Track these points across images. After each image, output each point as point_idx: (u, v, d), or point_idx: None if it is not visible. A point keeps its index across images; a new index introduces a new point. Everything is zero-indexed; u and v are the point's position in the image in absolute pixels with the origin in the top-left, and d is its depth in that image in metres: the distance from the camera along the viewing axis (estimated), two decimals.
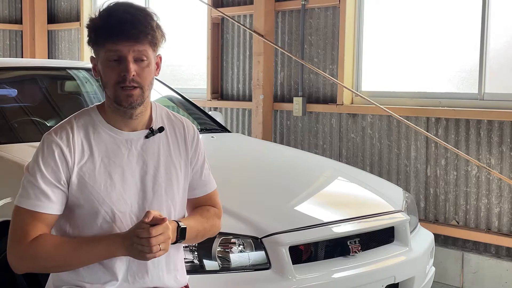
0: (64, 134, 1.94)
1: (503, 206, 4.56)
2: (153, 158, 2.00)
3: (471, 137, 4.69)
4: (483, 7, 4.68)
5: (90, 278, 1.95)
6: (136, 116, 1.97)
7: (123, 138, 1.98)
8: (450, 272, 4.79)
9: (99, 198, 1.91)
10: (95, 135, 1.96)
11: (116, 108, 1.95)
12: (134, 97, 1.90)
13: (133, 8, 1.92)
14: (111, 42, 1.87)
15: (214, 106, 6.54)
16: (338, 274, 2.90)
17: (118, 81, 1.89)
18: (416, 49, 5.20)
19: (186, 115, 4.54)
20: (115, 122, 1.98)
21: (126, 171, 1.96)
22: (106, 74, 1.92)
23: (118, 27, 1.87)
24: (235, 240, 2.73)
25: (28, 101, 4.08)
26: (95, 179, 1.92)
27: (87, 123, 1.97)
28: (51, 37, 8.97)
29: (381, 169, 5.24)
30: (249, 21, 6.28)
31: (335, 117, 5.56)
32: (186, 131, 2.10)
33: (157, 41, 1.94)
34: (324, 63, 5.67)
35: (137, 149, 1.99)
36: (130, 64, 1.88)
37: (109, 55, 1.89)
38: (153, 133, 2.01)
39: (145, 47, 1.90)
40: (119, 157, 1.96)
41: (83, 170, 1.92)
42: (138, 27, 1.88)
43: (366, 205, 3.41)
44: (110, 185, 1.93)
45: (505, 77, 4.71)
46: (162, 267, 2.02)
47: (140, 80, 1.90)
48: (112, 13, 1.90)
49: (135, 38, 1.87)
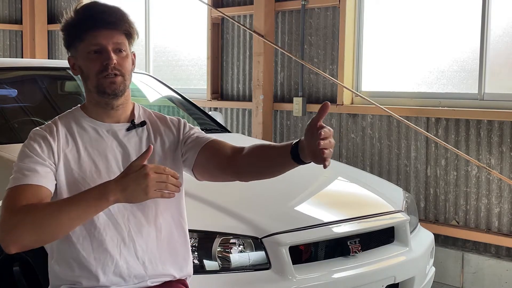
0: (47, 127, 2.01)
1: (503, 206, 4.56)
2: (135, 148, 2.05)
3: (471, 137, 4.69)
4: (483, 7, 4.68)
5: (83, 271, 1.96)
6: (118, 107, 2.04)
7: (104, 128, 2.04)
8: (450, 272, 4.79)
9: (85, 184, 1.94)
10: (78, 128, 2.03)
11: (99, 99, 2.01)
12: (117, 84, 1.97)
13: (107, 4, 2.02)
14: (91, 33, 1.95)
15: (214, 106, 6.54)
16: (338, 274, 2.90)
17: (101, 70, 1.96)
18: (416, 49, 5.20)
19: (186, 115, 4.54)
20: (97, 116, 2.05)
21: (110, 159, 2.01)
22: (87, 66, 1.98)
23: (96, 16, 1.95)
24: (235, 240, 2.73)
25: (28, 101, 4.08)
26: (80, 165, 1.97)
27: (70, 120, 2.05)
28: (51, 37, 8.97)
29: (381, 169, 5.24)
30: (249, 21, 6.28)
31: (335, 117, 5.56)
32: (169, 121, 2.16)
33: (132, 34, 2.02)
34: (324, 63, 5.67)
35: (118, 138, 2.04)
36: (111, 53, 1.95)
37: (89, 47, 1.96)
38: (135, 126, 2.07)
39: (122, 38, 1.98)
40: (102, 145, 2.02)
41: (68, 157, 1.96)
42: (115, 15, 1.97)
43: (366, 205, 3.41)
44: (95, 172, 1.98)
45: (505, 77, 4.71)
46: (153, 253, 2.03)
47: (121, 68, 1.98)
48: (88, 8, 1.99)
49: (113, 26, 1.95)
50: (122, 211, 1.99)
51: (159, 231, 2.04)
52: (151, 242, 2.03)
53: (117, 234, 1.98)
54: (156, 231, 2.04)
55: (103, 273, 1.96)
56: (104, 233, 1.96)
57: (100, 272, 1.96)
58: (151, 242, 2.03)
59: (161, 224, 2.05)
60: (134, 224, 2.00)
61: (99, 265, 1.96)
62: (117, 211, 1.97)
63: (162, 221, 2.06)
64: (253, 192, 3.24)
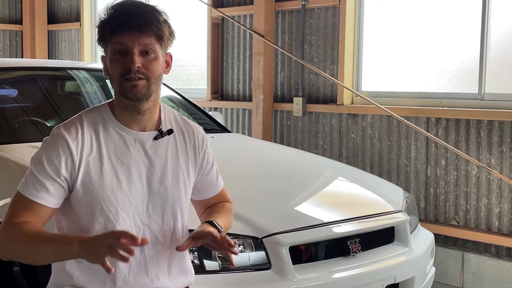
0: (73, 128, 1.93)
1: (503, 206, 4.56)
2: (161, 160, 1.99)
3: (471, 137, 4.69)
4: (483, 7, 4.68)
5: (90, 279, 1.94)
6: (144, 112, 1.95)
7: (132, 137, 1.97)
8: (450, 272, 4.79)
9: (104, 195, 1.90)
10: (105, 132, 1.95)
11: (123, 103, 1.94)
12: (139, 88, 1.88)
13: (141, 3, 1.94)
14: (116, 34, 1.88)
15: (214, 106, 6.54)
16: (338, 274, 2.90)
17: (123, 73, 1.88)
18: (416, 49, 5.20)
19: (186, 115, 4.53)
20: (124, 120, 1.97)
21: (132, 171, 1.95)
22: (112, 68, 1.92)
23: (121, 17, 1.88)
24: (235, 240, 2.73)
25: (28, 101, 4.08)
26: (101, 176, 1.91)
27: (97, 119, 1.96)
28: (51, 37, 8.96)
29: (381, 169, 5.24)
30: (249, 21, 6.28)
31: (335, 117, 5.56)
32: (196, 136, 2.10)
33: (164, 35, 1.93)
34: (324, 63, 5.67)
35: (145, 149, 1.98)
36: (135, 56, 1.87)
37: (114, 48, 1.89)
38: (162, 135, 2.01)
39: (151, 40, 1.90)
40: (127, 156, 1.95)
41: (90, 165, 1.90)
42: (141, 17, 1.88)
43: (366, 205, 3.41)
44: (116, 183, 1.92)
45: (505, 77, 4.71)
46: (163, 268, 2.01)
47: (146, 72, 1.90)
48: (118, 7, 1.92)
49: (138, 29, 1.87)
50: (138, 225, 1.95)
51: (173, 246, 1.99)
52: (163, 258, 2.00)
53: None
54: (171, 246, 2.00)
55: (109, 285, 1.94)
56: None
57: (107, 283, 1.94)
58: (163, 258, 2.00)
59: (176, 240, 2.02)
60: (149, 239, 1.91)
61: (107, 276, 1.92)
62: (133, 226, 1.94)
63: (178, 236, 2.03)
64: (253, 192, 3.24)
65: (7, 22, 8.88)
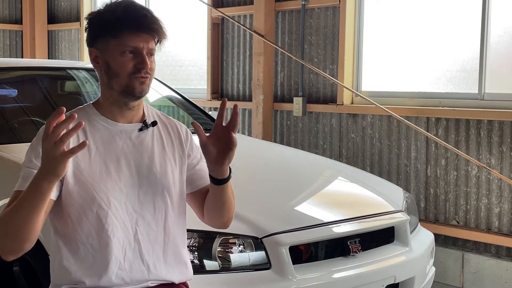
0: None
1: (503, 206, 4.56)
2: (147, 149, 2.05)
3: (471, 137, 4.69)
4: (483, 7, 4.68)
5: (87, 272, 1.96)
6: (134, 107, 2.04)
7: (117, 129, 2.03)
8: (450, 272, 4.79)
9: (94, 184, 1.94)
10: (90, 127, 2.01)
11: (119, 98, 2.00)
12: (145, 85, 1.98)
13: (145, 7, 2.05)
14: (129, 33, 1.95)
15: (214, 106, 6.54)
16: (338, 274, 2.90)
17: (133, 72, 1.96)
18: (416, 49, 5.20)
19: (186, 115, 4.54)
20: (111, 115, 2.03)
21: (121, 161, 2.00)
22: (119, 65, 1.97)
23: (137, 19, 1.96)
24: (235, 240, 2.73)
25: (28, 101, 4.08)
26: (90, 166, 1.95)
27: (82, 116, 1.99)
28: (51, 37, 8.97)
29: (381, 169, 5.24)
30: (249, 21, 6.28)
31: (335, 117, 5.56)
32: (179, 129, 2.18)
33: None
34: (324, 63, 5.67)
35: (131, 140, 2.04)
36: (146, 58, 1.97)
37: (124, 47, 1.95)
38: (147, 126, 2.07)
39: (153, 43, 2.01)
40: (114, 147, 2.01)
41: (79, 156, 1.93)
42: (155, 22, 1.99)
43: (366, 205, 3.41)
44: (105, 172, 1.97)
45: (505, 77, 4.71)
46: (158, 256, 2.03)
47: (151, 72, 2.01)
48: (129, 8, 1.99)
49: (151, 31, 1.98)
50: (131, 213, 1.99)
51: (167, 236, 2.05)
52: (157, 246, 2.03)
53: (124, 236, 1.97)
54: (164, 235, 2.05)
55: (106, 274, 1.96)
56: (111, 234, 1.95)
57: (103, 272, 1.96)
58: (158, 246, 2.03)
59: (169, 228, 2.06)
60: (142, 227, 2.00)
61: (103, 265, 1.95)
62: (126, 213, 1.98)
63: (171, 224, 2.06)
64: (253, 192, 3.24)
65: (7, 22, 8.88)
